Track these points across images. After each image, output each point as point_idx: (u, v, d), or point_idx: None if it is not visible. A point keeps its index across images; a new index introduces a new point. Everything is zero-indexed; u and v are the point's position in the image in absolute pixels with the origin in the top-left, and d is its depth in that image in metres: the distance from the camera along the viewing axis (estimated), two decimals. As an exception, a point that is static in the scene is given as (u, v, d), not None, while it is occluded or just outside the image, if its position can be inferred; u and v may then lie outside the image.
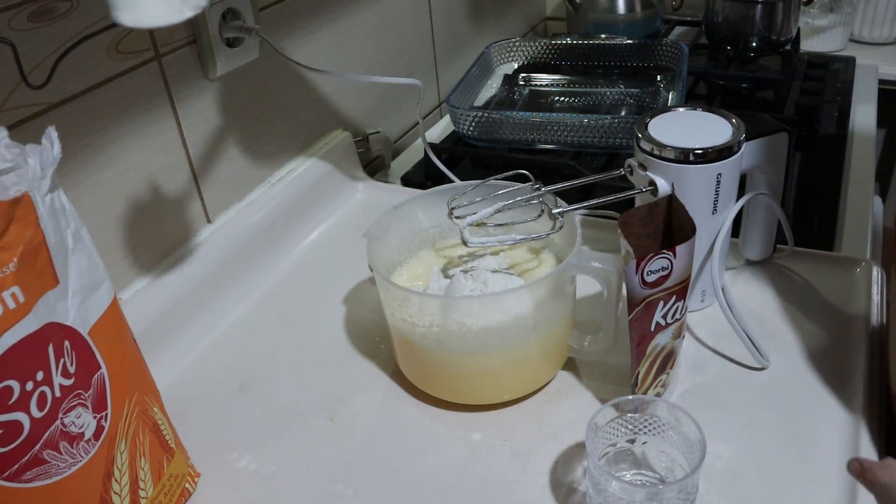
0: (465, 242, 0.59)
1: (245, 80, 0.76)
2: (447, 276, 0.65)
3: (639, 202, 0.65)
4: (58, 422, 0.43)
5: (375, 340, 0.69)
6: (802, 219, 0.82)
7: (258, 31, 0.73)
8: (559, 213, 0.60)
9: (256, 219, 0.79)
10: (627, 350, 0.56)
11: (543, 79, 1.13)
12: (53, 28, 0.56)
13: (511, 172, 0.64)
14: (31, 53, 0.55)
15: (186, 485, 0.55)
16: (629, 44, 1.12)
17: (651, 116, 0.64)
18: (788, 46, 1.15)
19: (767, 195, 0.67)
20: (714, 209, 0.63)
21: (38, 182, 0.42)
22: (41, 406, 0.42)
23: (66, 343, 0.43)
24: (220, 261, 0.74)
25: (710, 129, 0.62)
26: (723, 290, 0.64)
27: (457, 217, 0.62)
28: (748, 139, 0.63)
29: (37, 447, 0.42)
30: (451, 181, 0.86)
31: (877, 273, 0.71)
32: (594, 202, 0.62)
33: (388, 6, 0.97)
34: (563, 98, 1.08)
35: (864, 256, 0.76)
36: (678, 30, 1.38)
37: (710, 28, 1.15)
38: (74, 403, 0.43)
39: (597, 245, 0.77)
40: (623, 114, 1.01)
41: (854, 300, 0.68)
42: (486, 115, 0.93)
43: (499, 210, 0.60)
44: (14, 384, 0.40)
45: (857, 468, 0.44)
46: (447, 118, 1.12)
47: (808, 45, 1.29)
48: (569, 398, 0.62)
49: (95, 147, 0.62)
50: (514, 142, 0.95)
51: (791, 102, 1.03)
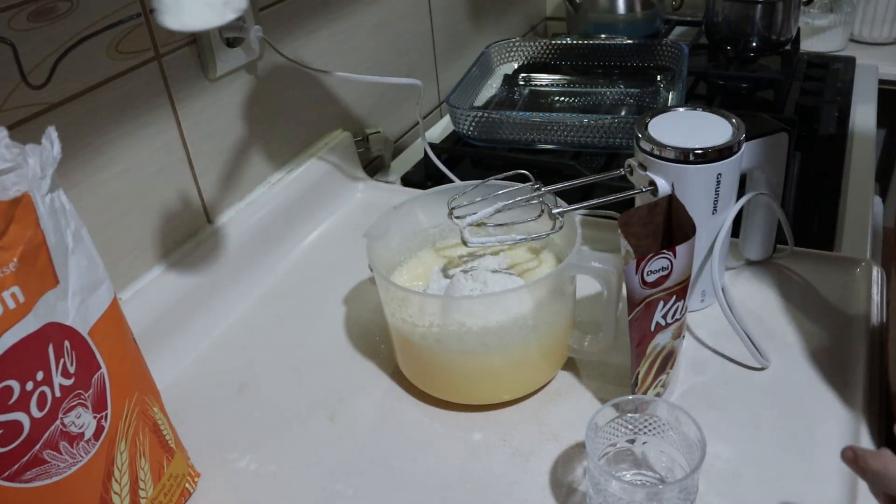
0: (465, 242, 0.59)
1: (245, 80, 0.76)
2: (447, 276, 0.65)
3: (639, 202, 0.65)
4: (58, 422, 0.43)
5: (375, 340, 0.69)
6: (802, 219, 0.82)
7: (258, 31, 0.73)
8: (559, 213, 0.60)
9: (256, 219, 0.79)
10: (627, 350, 0.56)
11: (543, 79, 1.13)
12: (53, 28, 0.56)
13: (511, 172, 0.64)
14: (31, 53, 0.55)
15: (186, 485, 0.55)
16: (629, 44, 1.12)
17: (651, 116, 0.64)
18: (788, 46, 1.15)
19: (767, 195, 0.67)
20: (714, 209, 0.63)
21: (38, 182, 0.42)
22: (41, 406, 0.42)
23: (66, 343, 0.43)
24: (220, 261, 0.74)
25: (710, 129, 0.62)
26: (723, 290, 0.64)
27: (457, 217, 0.62)
28: (748, 139, 0.63)
29: (37, 447, 0.42)
30: (451, 181, 0.86)
31: (877, 273, 0.71)
32: (594, 202, 0.62)
33: (388, 6, 0.97)
34: (563, 98, 1.08)
35: (864, 256, 0.76)
36: (678, 30, 1.38)
37: (710, 28, 1.15)
38: (74, 403, 0.43)
39: (597, 245, 0.77)
40: (623, 114, 1.01)
41: (854, 300, 0.68)
42: (486, 115, 0.93)
43: (499, 210, 0.60)
44: (14, 384, 0.40)
45: (850, 455, 0.44)
46: (447, 118, 1.12)
47: (808, 45, 1.29)
48: (569, 398, 0.62)
49: (95, 147, 0.62)
50: (514, 142, 0.95)
51: (791, 102, 1.03)
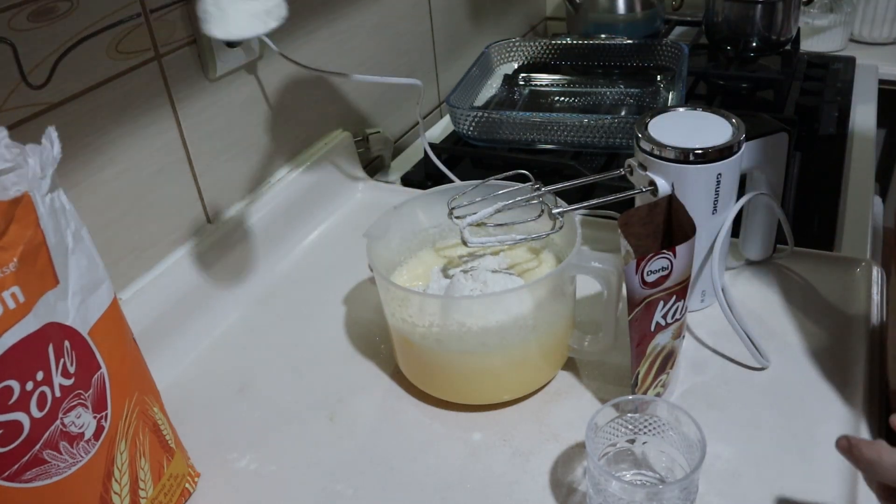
0: (465, 242, 0.59)
1: (245, 80, 0.76)
2: (447, 276, 0.65)
3: (639, 202, 0.65)
4: (58, 422, 0.43)
5: (375, 340, 0.69)
6: (802, 219, 0.82)
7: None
8: (559, 213, 0.60)
9: (256, 219, 0.78)
10: (627, 350, 0.56)
11: (543, 79, 1.13)
12: (53, 28, 0.56)
13: (511, 172, 0.64)
14: (31, 53, 0.55)
15: (186, 485, 0.55)
16: (629, 44, 1.12)
17: (651, 116, 0.64)
18: (788, 46, 1.15)
19: (767, 195, 0.67)
20: (714, 209, 0.63)
21: (38, 182, 0.42)
22: (41, 406, 0.42)
23: (66, 343, 0.43)
24: (220, 261, 0.74)
25: (710, 129, 0.62)
26: (723, 290, 0.64)
27: (457, 217, 0.62)
28: (748, 139, 0.63)
29: (37, 447, 0.42)
30: (451, 181, 0.86)
31: (877, 273, 0.71)
32: (594, 202, 0.62)
33: (388, 6, 0.97)
34: (563, 98, 1.08)
35: (864, 256, 0.76)
36: (678, 30, 1.38)
37: (710, 28, 1.15)
38: (74, 403, 0.43)
39: (597, 245, 0.77)
40: (623, 114, 1.01)
41: (854, 300, 0.68)
42: (486, 115, 0.93)
43: (499, 210, 0.60)
44: (14, 384, 0.40)
45: (845, 445, 0.44)
46: (447, 118, 1.12)
47: (808, 45, 1.29)
48: (569, 398, 0.62)
49: (95, 147, 0.62)
50: (514, 142, 0.95)
51: (791, 102, 1.03)
